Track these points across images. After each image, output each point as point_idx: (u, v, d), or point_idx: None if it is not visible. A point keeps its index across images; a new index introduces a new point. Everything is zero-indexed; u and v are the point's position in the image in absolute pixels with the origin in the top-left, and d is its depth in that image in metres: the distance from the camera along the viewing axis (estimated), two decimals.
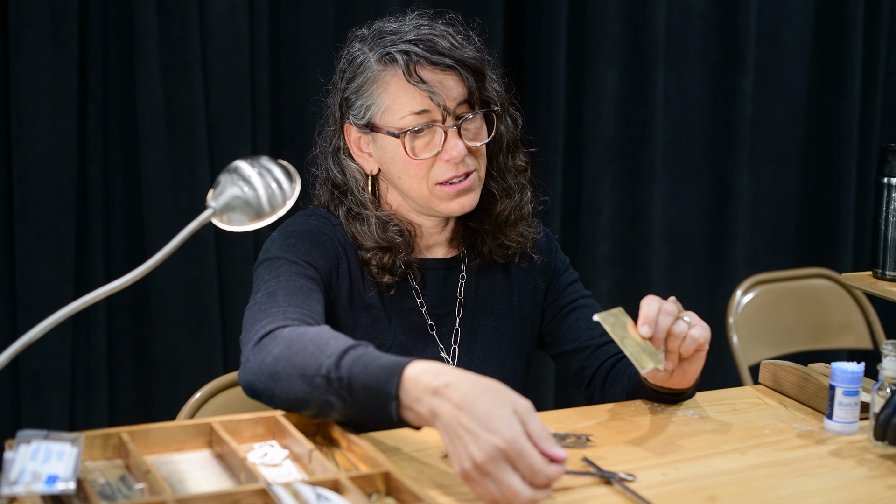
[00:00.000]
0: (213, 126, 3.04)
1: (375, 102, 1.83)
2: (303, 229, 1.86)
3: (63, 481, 1.33)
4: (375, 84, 1.83)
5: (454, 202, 1.85)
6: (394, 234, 1.87)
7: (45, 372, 2.93)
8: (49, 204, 2.89)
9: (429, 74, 1.80)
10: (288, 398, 1.55)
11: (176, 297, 3.02)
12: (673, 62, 3.61)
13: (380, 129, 1.84)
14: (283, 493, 1.32)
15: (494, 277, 1.98)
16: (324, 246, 1.84)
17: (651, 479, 1.52)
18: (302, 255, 1.80)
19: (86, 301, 1.42)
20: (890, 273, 2.10)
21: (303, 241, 1.83)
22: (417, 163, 1.82)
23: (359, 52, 1.86)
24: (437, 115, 1.81)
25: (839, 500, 1.48)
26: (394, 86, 1.81)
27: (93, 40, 2.91)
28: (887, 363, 1.66)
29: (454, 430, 1.36)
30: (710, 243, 3.77)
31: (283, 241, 1.83)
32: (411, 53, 1.80)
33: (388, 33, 1.85)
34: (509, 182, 1.94)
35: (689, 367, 1.75)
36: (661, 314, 1.68)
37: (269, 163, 1.51)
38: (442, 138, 1.81)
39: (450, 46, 1.82)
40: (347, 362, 1.49)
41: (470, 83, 1.82)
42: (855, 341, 3.14)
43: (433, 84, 1.80)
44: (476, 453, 1.33)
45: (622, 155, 3.57)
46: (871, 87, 3.85)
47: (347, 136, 1.90)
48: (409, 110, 1.81)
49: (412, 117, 1.81)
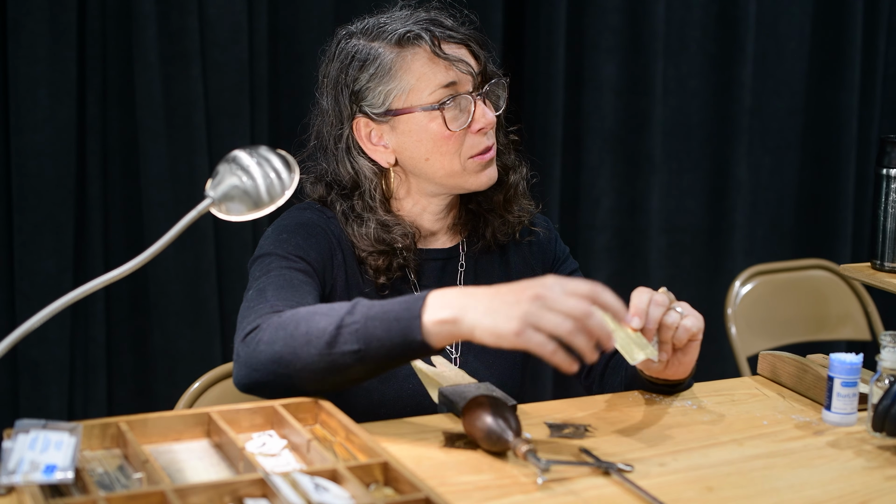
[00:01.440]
0: (211, 116, 3.03)
1: (398, 86, 1.81)
2: (296, 223, 1.85)
3: (61, 471, 1.33)
4: (395, 68, 1.81)
5: (483, 174, 1.86)
6: (397, 237, 1.85)
7: (43, 361, 2.93)
8: (48, 194, 2.89)
9: (450, 49, 1.82)
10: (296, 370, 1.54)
11: (174, 287, 3.02)
12: (672, 53, 3.61)
13: (406, 111, 1.82)
14: (281, 482, 1.32)
15: (493, 266, 1.98)
16: (317, 238, 1.83)
17: (649, 470, 1.52)
18: (293, 250, 1.79)
19: (84, 291, 1.42)
20: (888, 264, 2.10)
21: (294, 235, 1.82)
22: (450, 138, 1.81)
23: (361, 45, 1.84)
24: (466, 84, 1.82)
25: (837, 490, 1.49)
26: (417, 64, 1.81)
27: (91, 30, 2.91)
28: (886, 354, 1.66)
29: (492, 296, 1.45)
30: (708, 234, 3.77)
31: (276, 237, 1.82)
32: (433, 29, 1.81)
33: (388, 22, 1.84)
34: (513, 156, 1.96)
35: (683, 358, 1.75)
36: (651, 305, 1.68)
37: (268, 152, 1.51)
38: (471, 110, 1.82)
39: (454, 24, 1.86)
40: (361, 308, 1.52)
41: (481, 55, 1.85)
42: (853, 332, 3.14)
43: (457, 56, 1.82)
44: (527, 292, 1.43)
45: (621, 146, 3.57)
46: (871, 79, 3.85)
47: (357, 131, 1.86)
48: (438, 83, 1.80)
49: (441, 91, 1.81)
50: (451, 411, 1.71)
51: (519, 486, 1.45)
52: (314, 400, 1.61)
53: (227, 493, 1.32)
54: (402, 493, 1.36)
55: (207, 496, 1.31)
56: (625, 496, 1.44)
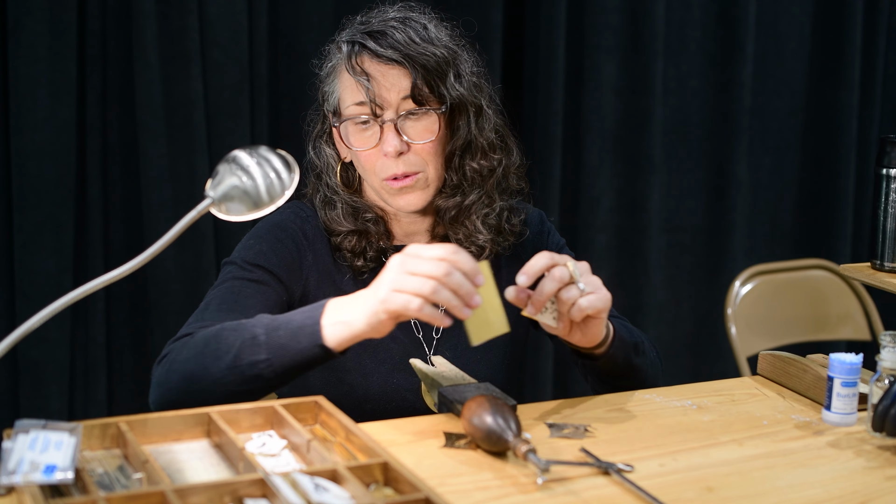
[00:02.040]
0: (211, 116, 3.03)
1: (334, 92, 1.86)
2: (269, 226, 1.89)
3: (61, 471, 1.33)
4: (335, 73, 1.86)
5: (399, 199, 1.85)
6: (366, 222, 1.89)
7: (43, 362, 2.93)
8: (48, 194, 2.89)
9: (372, 66, 1.80)
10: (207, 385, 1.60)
11: (174, 287, 3.02)
12: (672, 53, 3.61)
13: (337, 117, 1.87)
14: (281, 483, 1.32)
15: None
16: (284, 243, 1.87)
17: (649, 470, 1.52)
18: (253, 257, 1.84)
19: (84, 291, 1.42)
20: (888, 264, 2.10)
21: (262, 241, 1.86)
22: (364, 156, 1.83)
23: (334, 43, 1.89)
24: (371, 108, 1.80)
25: (837, 490, 1.49)
26: (343, 75, 1.84)
27: (91, 30, 2.90)
28: (885, 354, 1.66)
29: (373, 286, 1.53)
30: (708, 234, 3.77)
31: (245, 243, 1.88)
32: (356, 44, 1.81)
33: (361, 23, 1.86)
34: (459, 180, 1.89)
35: (585, 330, 1.69)
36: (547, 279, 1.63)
37: (268, 152, 1.51)
38: (378, 133, 1.82)
39: (405, 40, 1.80)
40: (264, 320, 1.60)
41: (415, 79, 1.80)
42: (853, 332, 3.14)
43: (375, 76, 1.79)
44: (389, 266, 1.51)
45: (621, 146, 3.57)
46: (871, 79, 3.85)
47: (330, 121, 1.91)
48: (352, 100, 1.82)
49: (354, 108, 1.82)
50: (450, 411, 1.71)
51: (519, 486, 1.45)
52: (314, 400, 1.61)
53: (227, 493, 1.32)
54: (402, 493, 1.36)
55: (207, 496, 1.31)
56: (625, 496, 1.44)
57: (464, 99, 1.86)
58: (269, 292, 1.81)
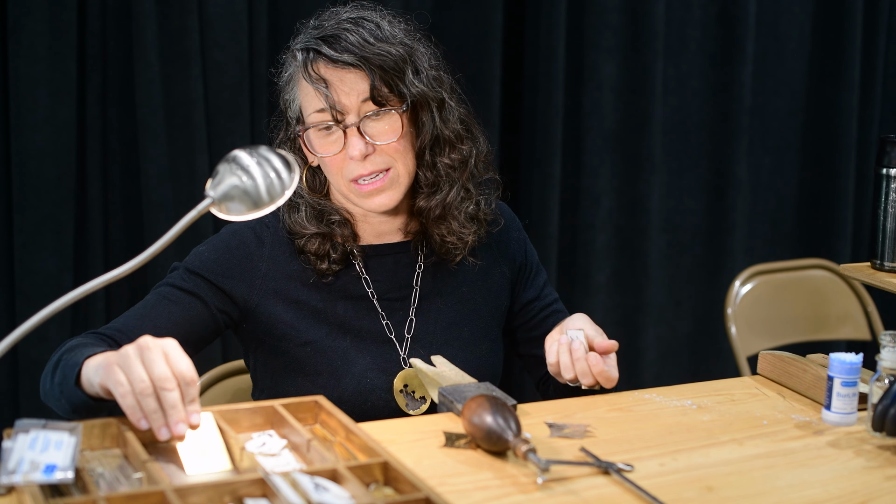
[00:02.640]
0: (211, 116, 3.03)
1: (295, 98, 1.87)
2: (225, 234, 1.90)
3: (61, 471, 1.33)
4: (293, 81, 1.87)
5: (368, 201, 1.85)
6: (332, 224, 1.88)
7: (43, 361, 2.90)
8: (48, 194, 2.89)
9: (328, 72, 1.80)
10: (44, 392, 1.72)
11: None
12: (672, 53, 3.61)
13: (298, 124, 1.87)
14: (281, 482, 1.32)
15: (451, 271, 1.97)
16: (234, 252, 1.87)
17: (649, 470, 1.52)
18: (198, 265, 1.86)
19: (84, 290, 1.42)
20: (888, 264, 2.10)
21: (211, 248, 1.88)
22: (329, 160, 1.83)
23: (291, 50, 1.88)
24: (332, 114, 1.80)
25: (837, 490, 1.49)
26: (301, 83, 1.84)
27: (91, 30, 2.90)
28: (885, 354, 1.67)
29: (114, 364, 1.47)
30: (708, 234, 3.77)
31: (198, 247, 1.90)
32: (310, 51, 1.81)
33: (314, 28, 1.86)
34: (434, 177, 1.90)
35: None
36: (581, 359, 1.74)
37: (268, 152, 1.51)
38: (342, 137, 1.81)
39: (359, 41, 1.79)
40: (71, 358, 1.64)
41: (373, 80, 1.79)
42: (853, 332, 3.14)
43: (333, 82, 1.79)
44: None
45: (621, 145, 3.57)
46: (871, 78, 3.85)
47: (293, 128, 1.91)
48: (313, 108, 1.82)
49: (315, 115, 1.82)
50: (450, 411, 1.71)
51: (519, 486, 1.45)
52: (314, 399, 1.61)
53: (227, 492, 1.32)
54: (402, 493, 1.36)
55: (207, 496, 1.31)
56: (625, 496, 1.44)
57: (425, 94, 1.85)
58: (196, 305, 1.83)
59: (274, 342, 1.87)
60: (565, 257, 3.57)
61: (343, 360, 1.87)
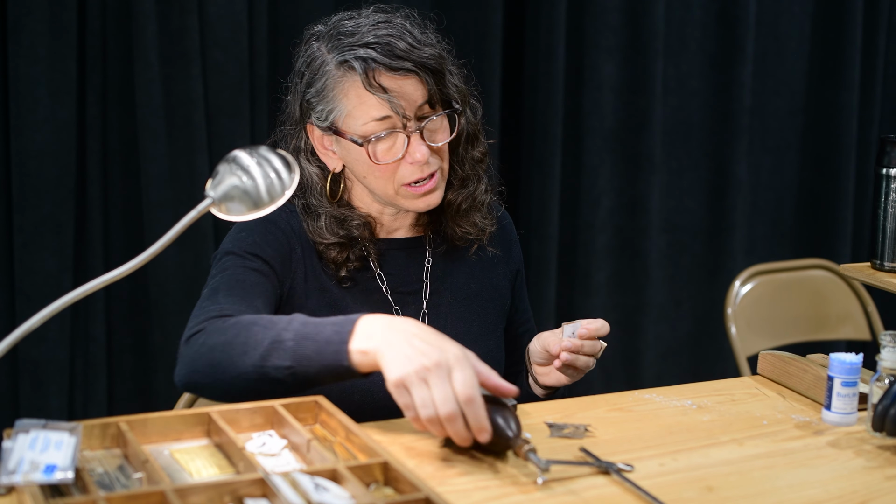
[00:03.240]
0: (211, 116, 3.03)
1: (337, 107, 1.82)
2: (258, 222, 1.87)
3: (61, 471, 1.33)
4: (336, 90, 1.82)
5: (419, 201, 1.85)
6: (352, 228, 1.88)
7: (43, 361, 2.93)
8: (48, 194, 2.89)
9: (388, 81, 1.79)
10: (231, 378, 1.57)
11: (174, 287, 3.02)
12: (672, 53, 3.61)
13: (343, 134, 1.83)
14: (281, 482, 1.32)
15: (462, 258, 1.99)
16: (275, 235, 1.86)
17: (649, 470, 1.52)
18: (249, 247, 1.82)
19: (84, 290, 1.42)
20: (888, 264, 2.10)
21: (252, 232, 1.85)
22: (382, 167, 1.82)
23: (317, 54, 1.85)
24: (397, 122, 1.80)
25: (837, 490, 1.49)
26: (353, 93, 1.80)
27: (91, 30, 2.90)
28: (885, 354, 1.66)
29: (406, 340, 1.47)
30: (708, 234, 3.77)
31: (236, 235, 1.86)
32: (369, 60, 1.78)
33: (346, 35, 1.83)
34: (466, 172, 1.93)
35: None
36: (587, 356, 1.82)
37: (268, 152, 1.51)
38: (405, 143, 1.81)
39: (407, 47, 1.80)
40: (296, 325, 1.56)
41: (430, 85, 1.80)
42: (853, 332, 3.14)
43: (393, 90, 1.78)
44: (425, 359, 1.44)
45: (621, 145, 3.57)
46: (871, 78, 3.85)
47: (311, 134, 1.89)
48: (371, 117, 1.80)
49: (374, 124, 1.80)
50: None
51: (519, 486, 1.45)
52: (314, 400, 1.61)
53: (227, 493, 1.32)
54: (402, 493, 1.36)
55: (207, 496, 1.31)
56: (625, 496, 1.44)
57: (461, 91, 1.89)
58: (267, 284, 1.81)
59: None
60: (565, 257, 3.57)
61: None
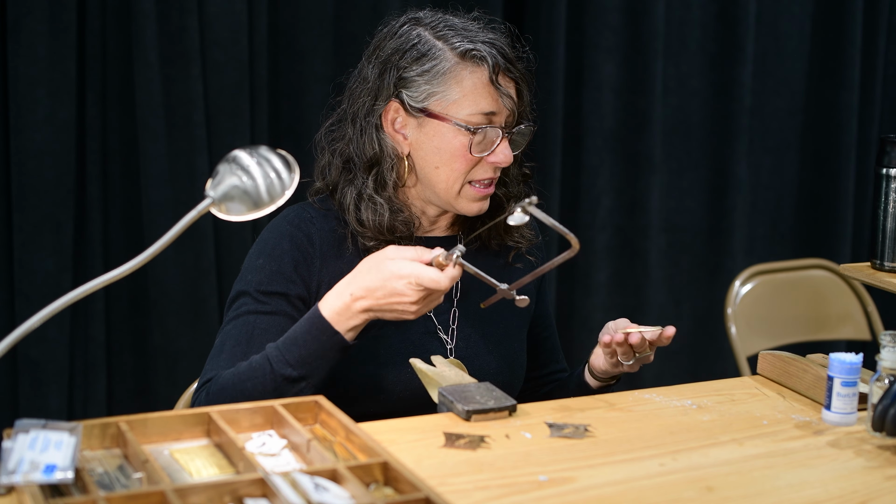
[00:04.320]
0: (211, 116, 3.03)
1: (445, 92, 1.83)
2: (273, 240, 1.88)
3: (61, 470, 1.33)
4: (448, 75, 1.83)
5: (475, 204, 1.89)
6: (399, 223, 1.88)
7: (43, 361, 2.93)
8: (47, 194, 2.89)
9: (505, 81, 1.86)
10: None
11: (174, 287, 3.02)
12: (672, 53, 3.61)
13: (440, 118, 1.83)
14: (281, 482, 1.32)
15: (492, 259, 2.00)
16: (291, 253, 1.86)
17: (649, 470, 1.52)
18: (263, 284, 1.85)
19: (84, 290, 1.42)
20: (888, 264, 2.10)
21: (270, 259, 1.86)
22: (466, 159, 1.84)
23: (426, 38, 1.85)
24: (501, 119, 1.85)
25: (837, 490, 1.49)
26: (470, 82, 1.83)
27: (91, 30, 2.90)
28: (885, 354, 1.66)
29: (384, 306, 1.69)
30: (708, 234, 3.77)
31: (253, 262, 1.88)
32: (497, 56, 1.84)
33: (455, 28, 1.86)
34: (515, 189, 1.99)
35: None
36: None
37: (268, 152, 1.51)
38: (495, 142, 1.85)
39: (515, 57, 1.88)
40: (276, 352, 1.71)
41: (525, 97, 1.89)
42: (853, 332, 3.14)
43: (509, 90, 1.86)
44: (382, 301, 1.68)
45: (621, 145, 3.57)
46: (870, 78, 3.85)
47: (386, 113, 1.87)
48: (480, 109, 1.83)
49: (480, 116, 1.83)
50: (450, 411, 1.71)
51: (519, 486, 1.45)
52: (314, 400, 1.61)
53: (227, 492, 1.32)
54: (402, 493, 1.36)
55: (207, 496, 1.31)
56: (625, 496, 1.44)
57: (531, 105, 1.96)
58: (283, 322, 1.82)
59: None
60: None
61: (387, 349, 1.87)
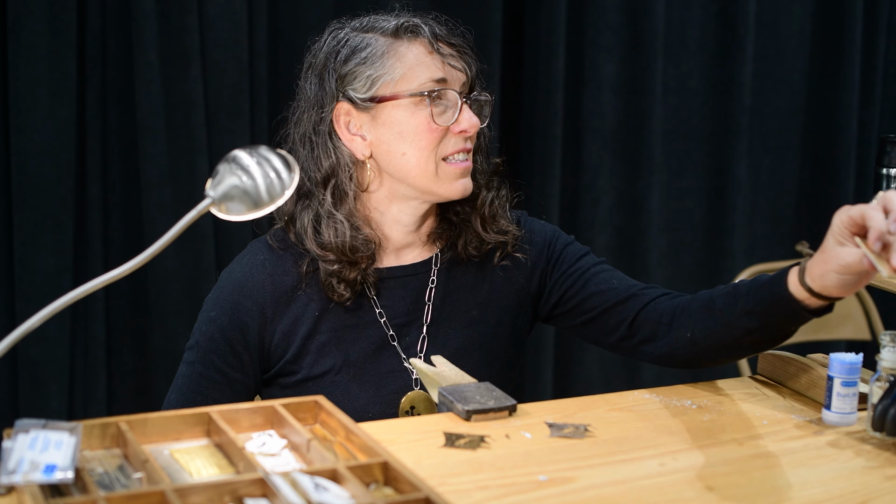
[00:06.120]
0: (211, 115, 3.03)
1: (388, 72, 1.79)
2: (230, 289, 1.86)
3: (61, 470, 1.33)
4: (387, 55, 1.80)
5: (458, 183, 1.83)
6: (360, 243, 1.82)
7: (43, 361, 2.93)
8: (47, 193, 2.89)
9: (448, 50, 1.83)
10: None
11: (174, 287, 3.02)
12: (672, 52, 3.61)
13: (392, 98, 1.79)
14: (281, 482, 1.32)
15: (467, 282, 1.93)
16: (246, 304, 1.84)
17: (649, 470, 1.52)
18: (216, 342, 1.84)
19: (84, 290, 1.42)
20: None
21: (224, 313, 1.85)
22: (431, 131, 1.79)
23: (353, 35, 1.84)
24: (456, 84, 1.81)
25: (837, 490, 1.49)
26: (411, 55, 1.80)
27: (91, 30, 2.91)
28: (885, 354, 1.66)
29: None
30: (708, 234, 3.77)
31: (206, 314, 1.87)
32: (433, 24, 1.83)
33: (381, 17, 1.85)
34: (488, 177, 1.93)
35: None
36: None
37: (268, 152, 1.51)
38: (456, 110, 1.80)
39: (449, 31, 1.86)
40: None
41: (474, 66, 1.85)
42: (853, 332, 3.14)
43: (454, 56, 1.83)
44: None
45: (621, 145, 3.57)
46: (871, 78, 3.85)
47: (336, 118, 1.83)
48: (430, 76, 1.79)
49: (431, 84, 1.79)
50: (450, 411, 1.71)
51: (519, 486, 1.45)
52: (314, 399, 1.61)
53: (227, 492, 1.32)
54: (402, 492, 1.36)
55: (207, 496, 1.31)
56: (625, 496, 1.44)
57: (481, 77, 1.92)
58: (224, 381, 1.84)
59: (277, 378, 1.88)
60: None
61: (344, 395, 1.84)
